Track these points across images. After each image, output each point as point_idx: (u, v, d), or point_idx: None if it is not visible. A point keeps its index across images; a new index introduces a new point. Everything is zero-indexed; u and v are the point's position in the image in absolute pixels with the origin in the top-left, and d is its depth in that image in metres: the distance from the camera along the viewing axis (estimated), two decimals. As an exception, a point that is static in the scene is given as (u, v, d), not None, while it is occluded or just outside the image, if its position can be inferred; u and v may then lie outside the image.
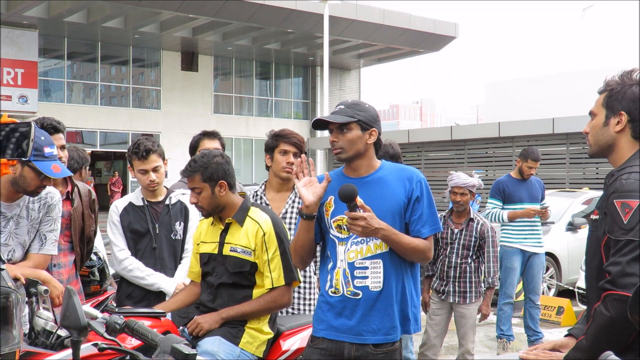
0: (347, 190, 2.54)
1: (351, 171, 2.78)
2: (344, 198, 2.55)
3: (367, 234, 2.60)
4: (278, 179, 3.83)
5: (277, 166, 3.80)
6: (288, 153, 3.78)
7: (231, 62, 29.73)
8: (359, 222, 2.55)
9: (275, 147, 3.81)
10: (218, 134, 4.46)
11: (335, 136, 2.71)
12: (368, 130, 2.71)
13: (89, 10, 22.92)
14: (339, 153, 2.72)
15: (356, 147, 2.70)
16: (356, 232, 2.59)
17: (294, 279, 3.17)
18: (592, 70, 49.40)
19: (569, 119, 16.17)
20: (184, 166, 3.20)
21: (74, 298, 2.16)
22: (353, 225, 2.57)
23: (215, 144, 4.35)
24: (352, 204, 2.55)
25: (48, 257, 3.22)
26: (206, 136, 4.41)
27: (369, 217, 2.56)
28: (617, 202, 2.12)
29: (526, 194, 6.48)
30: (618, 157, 2.29)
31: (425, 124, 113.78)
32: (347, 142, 2.69)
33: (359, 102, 2.78)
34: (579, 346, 2.17)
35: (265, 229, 3.11)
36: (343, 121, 2.67)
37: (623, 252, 2.07)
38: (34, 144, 2.92)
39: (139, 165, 3.83)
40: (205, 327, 3.05)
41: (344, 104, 2.75)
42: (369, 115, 2.72)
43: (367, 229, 2.56)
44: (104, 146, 26.75)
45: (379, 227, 2.58)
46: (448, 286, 4.98)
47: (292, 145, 3.79)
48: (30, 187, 3.00)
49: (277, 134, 3.85)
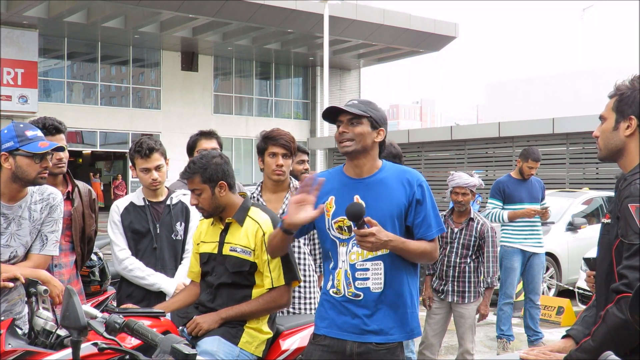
0: (356, 210, 2.55)
1: (352, 169, 2.78)
2: (353, 217, 2.56)
3: (377, 248, 2.61)
4: (270, 181, 3.83)
5: (267, 169, 3.80)
6: (277, 155, 3.76)
7: (231, 62, 29.73)
8: (368, 238, 2.55)
9: (265, 150, 3.80)
10: (215, 134, 4.45)
11: (345, 127, 2.72)
12: (377, 129, 2.74)
13: (89, 10, 22.92)
14: (347, 145, 2.72)
15: (364, 141, 2.71)
16: (366, 248, 2.60)
17: (294, 278, 3.17)
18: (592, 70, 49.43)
19: (569, 119, 16.15)
20: (183, 166, 3.20)
21: (74, 298, 2.16)
22: (362, 242, 2.57)
23: (212, 144, 4.34)
24: (360, 222, 2.56)
25: (48, 257, 3.21)
26: (203, 136, 4.41)
27: (377, 232, 2.56)
28: (632, 206, 2.13)
29: (526, 194, 6.48)
30: (628, 161, 2.29)
31: (425, 124, 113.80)
32: (357, 135, 2.70)
33: (372, 102, 2.82)
34: (585, 347, 2.17)
35: (265, 229, 3.11)
36: (358, 113, 2.70)
37: (639, 257, 2.08)
38: (15, 132, 2.97)
39: (142, 163, 3.82)
40: (204, 327, 3.05)
41: (357, 100, 2.80)
42: (379, 115, 2.77)
43: (377, 243, 2.57)
44: (104, 146, 26.76)
45: (387, 239, 2.59)
46: (447, 285, 4.98)
47: (280, 147, 3.76)
48: (30, 175, 3.00)
49: (266, 135, 3.82)
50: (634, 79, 2.30)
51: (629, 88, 2.29)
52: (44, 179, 3.06)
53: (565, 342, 2.41)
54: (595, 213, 10.09)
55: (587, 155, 15.44)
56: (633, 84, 2.29)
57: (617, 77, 2.40)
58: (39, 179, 3.04)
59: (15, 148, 2.96)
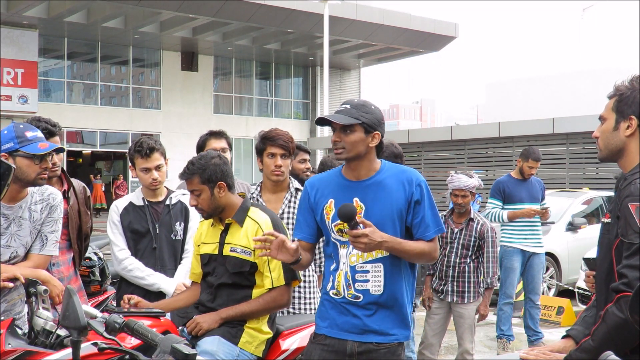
0: (347, 211, 2.54)
1: (350, 172, 2.77)
2: (344, 218, 2.55)
3: (371, 249, 2.59)
4: (270, 181, 3.83)
5: (266, 170, 3.80)
6: (275, 156, 3.76)
7: (231, 62, 29.73)
8: (361, 239, 2.54)
9: (264, 150, 3.79)
10: (225, 133, 4.48)
11: (337, 136, 2.70)
12: (371, 133, 2.70)
13: (89, 10, 22.91)
14: (340, 153, 2.71)
15: (357, 149, 2.69)
16: (359, 249, 2.59)
17: (294, 278, 3.17)
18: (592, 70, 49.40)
19: (569, 119, 16.16)
20: (183, 166, 3.20)
21: (74, 298, 2.16)
22: (356, 242, 2.56)
23: (222, 144, 4.37)
24: (353, 222, 2.54)
25: (48, 257, 3.21)
26: (213, 135, 4.42)
27: (370, 233, 2.55)
28: (632, 206, 2.13)
29: (526, 194, 6.48)
30: (628, 162, 2.30)
31: (425, 124, 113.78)
32: (349, 144, 2.68)
33: (366, 103, 2.74)
34: (585, 347, 2.17)
35: (265, 228, 3.10)
36: (347, 123, 2.65)
37: (639, 256, 2.08)
38: (15, 132, 2.97)
39: (142, 163, 3.82)
40: (204, 327, 3.05)
41: (350, 104, 2.72)
42: (373, 117, 2.70)
43: (370, 244, 2.56)
44: (104, 146, 26.75)
45: (381, 240, 2.57)
46: (447, 285, 4.98)
47: (279, 147, 3.76)
48: (30, 176, 3.00)
49: (264, 136, 3.82)
50: (633, 79, 2.30)
51: (629, 88, 2.29)
52: (44, 179, 3.06)
53: (565, 342, 2.42)
54: (595, 213, 10.09)
55: (587, 155, 15.45)
56: (632, 84, 2.29)
57: (617, 77, 2.40)
58: (39, 180, 3.04)
59: (15, 149, 2.97)
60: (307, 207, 2.83)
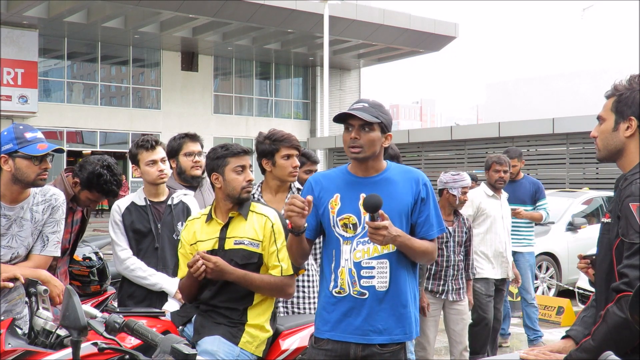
0: (375, 201, 2.53)
1: (360, 171, 2.78)
2: (371, 208, 2.53)
3: (386, 242, 2.60)
4: (277, 182, 3.80)
5: (283, 171, 3.74)
6: (292, 157, 3.76)
7: (231, 62, 29.73)
8: (381, 231, 2.54)
9: (276, 152, 3.77)
10: (199, 137, 4.44)
11: (357, 133, 2.69)
12: (386, 133, 2.74)
13: (89, 10, 22.92)
14: (358, 152, 2.70)
15: (374, 148, 2.71)
16: (377, 241, 2.58)
17: (299, 267, 3.17)
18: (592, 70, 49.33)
19: (569, 119, 16.17)
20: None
21: (73, 298, 2.16)
22: (375, 234, 2.56)
23: (197, 147, 4.35)
24: (375, 214, 2.54)
25: (49, 258, 3.22)
26: (189, 138, 4.37)
27: (390, 226, 2.57)
28: (633, 205, 2.13)
29: (511, 195, 6.43)
30: (628, 162, 2.30)
31: (425, 124, 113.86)
32: (368, 142, 2.69)
33: (381, 105, 2.78)
34: (585, 346, 2.17)
35: (273, 220, 3.14)
36: (372, 120, 2.67)
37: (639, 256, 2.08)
38: (15, 133, 2.99)
39: (148, 156, 3.84)
40: (209, 273, 2.99)
41: (368, 103, 2.74)
42: (388, 119, 2.75)
43: (387, 237, 2.57)
44: (104, 146, 26.74)
45: (396, 234, 2.59)
46: (446, 285, 4.96)
47: (294, 148, 3.78)
48: (30, 177, 3.01)
49: (276, 138, 3.78)
50: (631, 79, 2.29)
51: (628, 88, 2.28)
52: (44, 180, 3.07)
53: (565, 342, 2.42)
54: (595, 213, 10.09)
55: (587, 155, 15.45)
56: (631, 84, 2.28)
57: (617, 77, 2.39)
58: (39, 181, 3.05)
59: (14, 150, 2.98)
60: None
